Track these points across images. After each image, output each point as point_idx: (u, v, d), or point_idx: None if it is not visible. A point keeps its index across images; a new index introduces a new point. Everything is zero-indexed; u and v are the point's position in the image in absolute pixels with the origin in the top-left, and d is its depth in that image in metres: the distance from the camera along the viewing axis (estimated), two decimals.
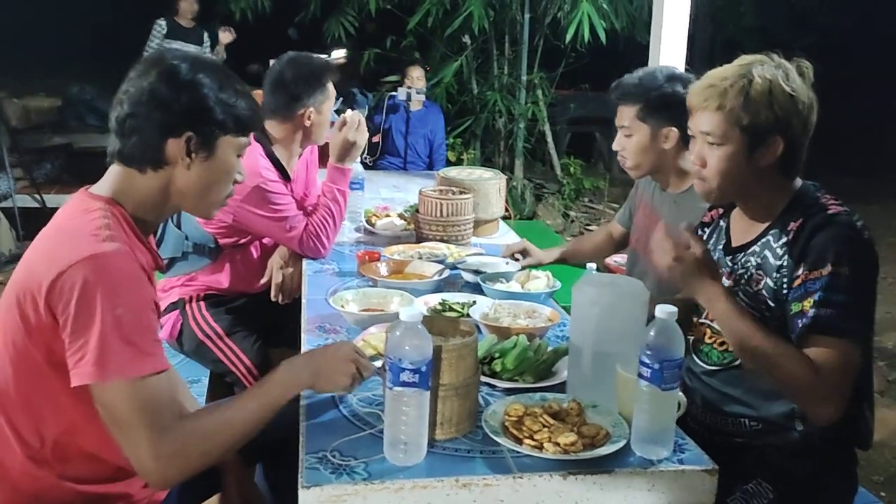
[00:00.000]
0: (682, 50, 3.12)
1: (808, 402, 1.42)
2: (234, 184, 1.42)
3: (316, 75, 2.34)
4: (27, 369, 1.25)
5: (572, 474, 1.18)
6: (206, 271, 2.32)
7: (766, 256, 1.49)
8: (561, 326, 1.78)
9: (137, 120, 1.29)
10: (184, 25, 5.78)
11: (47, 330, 1.20)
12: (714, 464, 1.24)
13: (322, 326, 1.78)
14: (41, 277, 1.19)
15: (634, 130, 2.02)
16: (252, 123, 1.39)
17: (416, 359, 1.15)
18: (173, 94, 1.29)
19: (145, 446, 1.17)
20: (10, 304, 1.25)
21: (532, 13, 6.22)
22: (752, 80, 1.43)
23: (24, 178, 4.98)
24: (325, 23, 6.44)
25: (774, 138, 1.44)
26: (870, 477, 2.75)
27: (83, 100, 5.71)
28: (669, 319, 1.21)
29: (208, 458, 1.23)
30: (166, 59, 1.33)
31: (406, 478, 1.16)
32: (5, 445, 1.28)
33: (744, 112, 1.43)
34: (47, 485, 1.29)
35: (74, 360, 1.17)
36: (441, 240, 2.40)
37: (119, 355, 1.16)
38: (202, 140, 1.32)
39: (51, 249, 1.24)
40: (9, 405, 1.27)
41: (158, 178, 1.33)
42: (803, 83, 1.46)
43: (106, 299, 1.16)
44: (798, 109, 1.44)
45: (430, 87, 5.46)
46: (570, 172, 6.70)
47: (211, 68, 1.35)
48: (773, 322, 1.46)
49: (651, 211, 2.20)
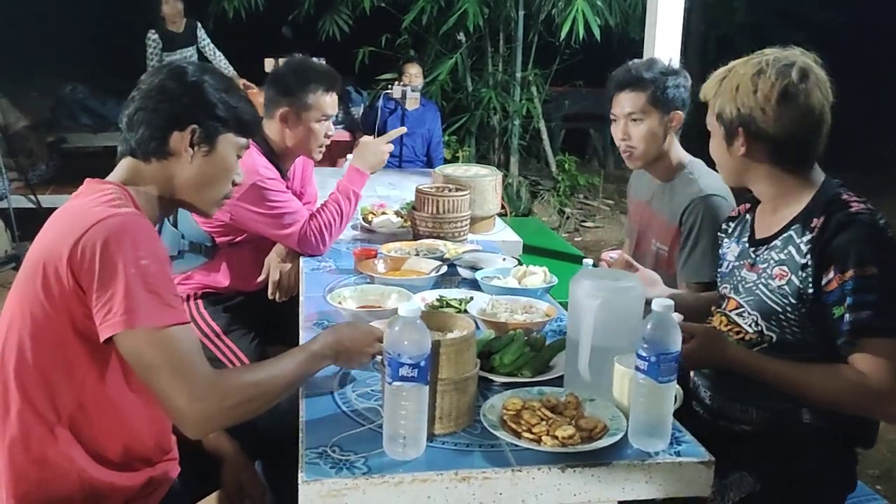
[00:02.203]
0: (676, 46, 3.13)
1: (865, 407, 1.43)
2: (233, 185, 1.49)
3: (299, 77, 2.32)
4: (47, 339, 1.28)
5: (570, 467, 1.19)
6: (203, 270, 2.32)
7: (790, 252, 1.49)
8: (558, 321, 1.79)
9: (146, 112, 1.39)
10: (174, 31, 5.70)
11: (70, 296, 1.25)
12: (711, 456, 1.25)
13: (320, 323, 1.79)
14: (60, 247, 1.24)
15: (645, 116, 2.03)
16: (252, 126, 1.50)
17: (414, 354, 1.16)
18: (181, 88, 1.40)
19: (181, 389, 1.20)
20: (27, 280, 1.29)
21: (526, 10, 6.22)
22: (727, 75, 1.51)
23: (18, 179, 4.96)
24: (319, 21, 6.44)
25: (738, 130, 1.50)
26: (866, 471, 2.76)
27: (76, 99, 5.70)
28: (666, 313, 1.22)
29: (242, 409, 1.25)
30: (175, 62, 1.48)
31: (405, 472, 1.17)
32: (21, 421, 1.30)
33: (716, 103, 1.53)
34: (53, 471, 1.31)
35: (102, 314, 1.22)
36: (438, 237, 2.41)
37: (145, 304, 1.21)
38: (205, 134, 1.41)
39: (67, 223, 1.30)
40: (27, 379, 1.30)
41: (162, 169, 1.41)
42: (798, 80, 1.46)
43: (128, 253, 1.22)
44: (761, 103, 1.46)
45: (425, 84, 5.46)
46: (565, 169, 6.71)
47: (216, 73, 1.47)
48: (793, 317, 1.47)
49: (644, 206, 2.22)
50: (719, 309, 1.63)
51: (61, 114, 5.66)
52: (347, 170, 2.39)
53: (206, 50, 5.84)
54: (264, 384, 1.27)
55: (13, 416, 1.30)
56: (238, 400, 1.24)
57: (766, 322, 1.52)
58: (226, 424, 1.29)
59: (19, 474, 1.31)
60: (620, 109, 2.05)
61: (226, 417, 1.26)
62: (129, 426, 1.37)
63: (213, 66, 1.56)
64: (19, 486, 1.31)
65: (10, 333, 1.31)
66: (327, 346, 1.35)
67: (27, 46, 8.36)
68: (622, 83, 2.04)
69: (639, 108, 2.03)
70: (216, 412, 1.23)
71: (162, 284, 1.24)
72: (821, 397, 1.45)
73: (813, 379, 1.44)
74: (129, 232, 1.24)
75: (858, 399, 1.41)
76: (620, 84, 2.05)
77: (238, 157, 1.49)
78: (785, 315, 1.48)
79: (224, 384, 1.24)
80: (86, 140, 5.60)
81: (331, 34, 6.34)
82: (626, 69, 2.06)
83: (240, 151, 1.49)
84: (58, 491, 1.32)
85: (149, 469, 1.42)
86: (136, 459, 1.40)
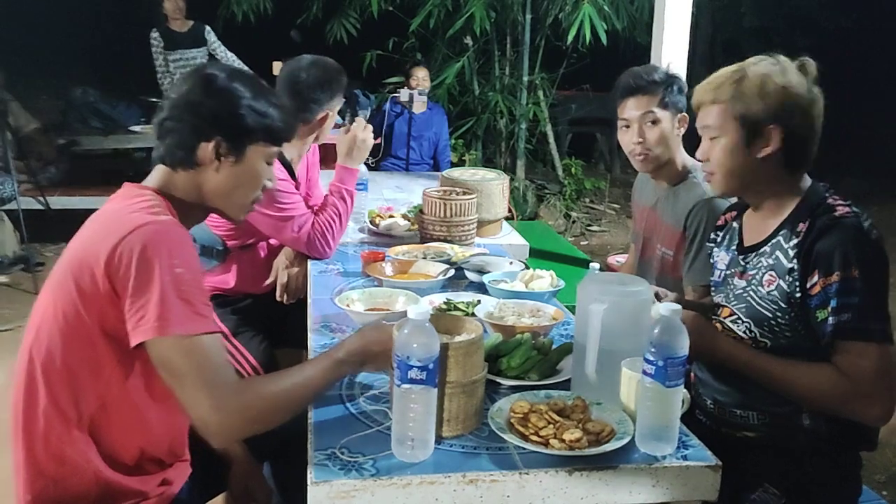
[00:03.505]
0: (683, 51, 3.14)
1: (848, 409, 1.43)
2: (262, 190, 1.49)
3: (336, 80, 2.37)
4: (77, 339, 1.30)
5: (577, 470, 1.20)
6: (213, 272, 2.34)
7: (777, 258, 1.50)
8: (565, 325, 1.79)
9: (173, 122, 1.39)
10: (176, 30, 5.70)
11: (103, 299, 1.26)
12: (718, 460, 1.25)
13: (328, 325, 1.80)
14: (98, 249, 1.26)
15: (660, 117, 2.04)
16: (284, 134, 1.47)
17: (423, 356, 1.17)
18: (206, 99, 1.38)
19: (206, 399, 1.21)
20: (62, 279, 1.31)
21: (533, 14, 6.23)
22: (744, 75, 1.49)
23: (27, 181, 4.99)
24: (327, 24, 6.46)
25: (768, 128, 1.48)
26: (872, 476, 2.76)
27: (86, 102, 5.72)
28: (673, 317, 1.22)
29: (266, 420, 1.26)
30: (207, 68, 1.44)
31: (413, 474, 1.17)
32: (45, 418, 1.32)
33: (737, 103, 1.49)
34: (71, 468, 1.33)
35: (135, 319, 1.23)
36: (445, 240, 2.41)
37: (177, 312, 1.22)
38: (231, 145, 1.40)
39: (105, 226, 1.31)
40: (53, 377, 1.32)
41: (191, 178, 1.41)
42: (804, 79, 1.48)
43: (164, 260, 1.23)
44: (793, 100, 1.46)
45: (432, 88, 5.47)
46: (571, 173, 6.72)
47: (248, 79, 1.44)
48: (783, 321, 1.48)
49: (649, 211, 2.22)
50: (715, 316, 1.64)
51: (71, 116, 5.68)
52: (336, 170, 2.41)
53: (218, 52, 5.81)
54: (288, 394, 1.27)
55: (40, 411, 1.32)
56: (261, 410, 1.25)
57: (758, 329, 1.52)
58: (249, 434, 1.30)
59: (37, 470, 1.33)
60: (633, 113, 2.06)
61: (249, 428, 1.27)
62: (147, 431, 1.38)
63: (246, 71, 1.52)
64: (36, 482, 1.33)
65: (41, 329, 1.33)
66: (353, 354, 1.33)
67: (38, 49, 8.42)
68: (632, 88, 2.05)
69: (653, 109, 2.04)
70: (238, 423, 1.24)
71: (194, 293, 1.26)
72: (805, 395, 1.46)
73: (797, 376, 1.45)
74: (166, 240, 1.26)
75: (840, 400, 1.42)
76: (630, 89, 2.05)
77: (268, 164, 1.47)
78: (776, 321, 1.49)
79: (247, 395, 1.24)
80: (95, 143, 5.62)
81: (338, 38, 6.37)
82: (633, 74, 2.06)
83: (270, 159, 1.47)
84: (73, 489, 1.33)
85: (160, 472, 1.43)
86: (150, 463, 1.41)
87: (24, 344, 1.36)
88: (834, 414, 1.47)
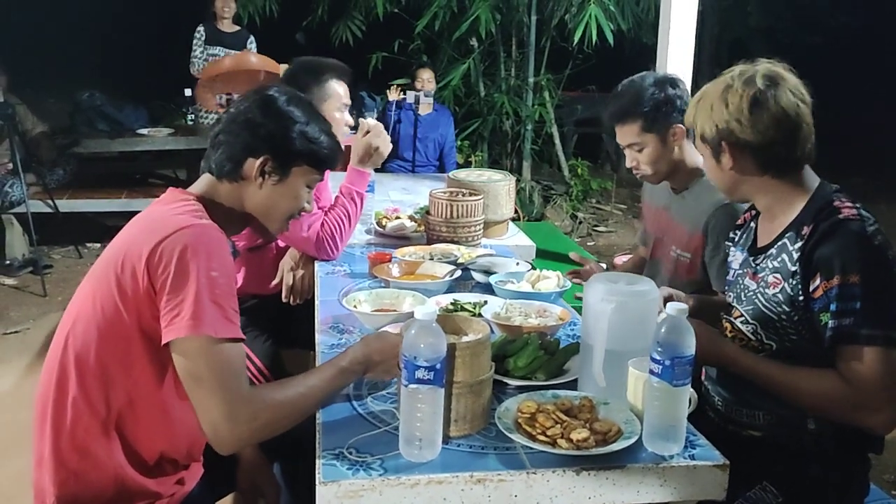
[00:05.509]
0: (689, 51, 3.13)
1: (852, 417, 1.42)
2: (301, 213, 1.55)
3: (313, 70, 2.36)
4: (113, 334, 1.33)
5: (585, 470, 1.20)
6: None
7: (783, 260, 1.49)
8: (571, 325, 1.79)
9: (227, 136, 1.45)
10: (223, 30, 5.79)
11: (142, 296, 1.29)
12: (725, 459, 1.25)
13: (335, 326, 1.80)
14: (141, 247, 1.29)
15: (644, 143, 2.03)
16: (329, 161, 1.54)
17: (430, 357, 1.17)
18: (263, 119, 1.45)
19: (220, 405, 1.24)
20: (104, 274, 1.34)
21: (539, 15, 6.23)
22: (702, 96, 1.55)
23: (36, 184, 5.02)
24: (332, 27, 6.48)
25: (722, 144, 1.51)
26: (881, 476, 2.75)
27: (93, 106, 5.74)
28: (680, 317, 1.22)
29: (271, 428, 1.28)
30: (269, 90, 1.51)
31: (421, 473, 1.18)
32: (73, 409, 1.34)
33: (697, 124, 1.56)
34: (93, 463, 1.35)
35: (170, 317, 1.26)
36: (451, 241, 2.42)
37: (210, 313, 1.25)
38: (277, 164, 1.46)
39: (150, 225, 1.35)
40: (86, 369, 1.34)
41: (234, 190, 1.47)
42: (756, 87, 1.47)
43: (202, 262, 1.27)
44: (730, 114, 1.47)
45: (437, 89, 5.48)
46: (577, 174, 6.71)
47: (305, 105, 1.51)
48: (788, 324, 1.48)
49: (661, 211, 2.22)
50: (727, 316, 1.64)
51: (78, 120, 5.71)
52: (348, 172, 2.42)
53: None
54: (294, 403, 1.29)
55: (69, 402, 1.34)
56: (267, 419, 1.27)
57: (764, 331, 1.52)
58: (254, 442, 1.33)
59: (62, 460, 1.35)
60: (621, 141, 2.08)
61: (255, 437, 1.29)
62: (170, 431, 1.40)
63: (303, 97, 1.58)
64: (59, 473, 1.35)
65: (77, 322, 1.36)
66: (356, 362, 1.36)
67: (45, 53, 8.46)
68: (613, 118, 2.06)
69: (635, 138, 2.04)
70: (246, 432, 1.26)
71: (227, 298, 1.29)
72: (809, 402, 1.46)
73: (800, 382, 1.44)
74: (206, 243, 1.30)
75: (843, 408, 1.41)
76: (612, 118, 2.06)
77: (308, 188, 1.54)
78: (781, 323, 1.48)
79: (255, 404, 1.26)
80: (103, 146, 5.64)
81: (344, 40, 6.39)
82: (616, 100, 2.05)
83: (312, 183, 1.55)
84: (92, 485, 1.35)
85: (176, 474, 1.45)
86: (168, 464, 1.43)
87: (58, 334, 1.39)
88: (839, 421, 1.47)
